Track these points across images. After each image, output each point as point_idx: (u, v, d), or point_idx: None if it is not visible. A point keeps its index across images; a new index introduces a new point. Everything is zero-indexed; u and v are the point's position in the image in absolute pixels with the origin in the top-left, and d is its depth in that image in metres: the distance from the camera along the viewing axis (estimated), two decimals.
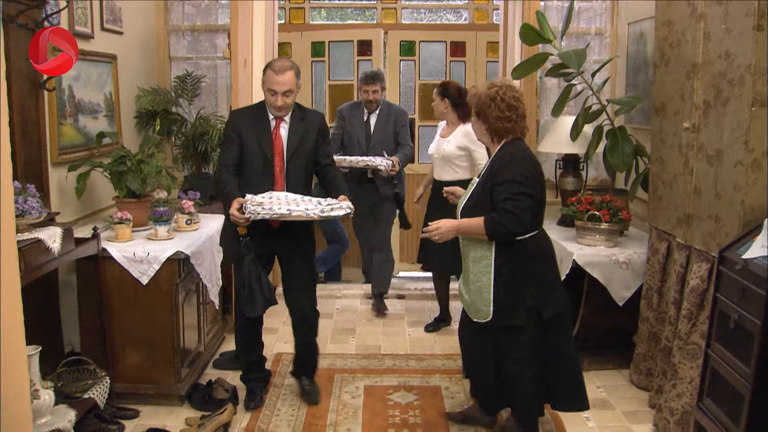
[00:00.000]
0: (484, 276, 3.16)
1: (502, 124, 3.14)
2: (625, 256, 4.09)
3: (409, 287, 6.02)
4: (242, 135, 3.61)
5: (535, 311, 3.12)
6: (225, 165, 3.60)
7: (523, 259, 3.12)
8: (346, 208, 3.45)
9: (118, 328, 3.77)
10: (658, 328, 3.87)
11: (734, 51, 3.13)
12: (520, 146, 3.19)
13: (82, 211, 4.18)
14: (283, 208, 3.35)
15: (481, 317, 3.20)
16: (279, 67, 3.53)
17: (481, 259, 3.17)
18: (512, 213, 3.02)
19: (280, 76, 3.52)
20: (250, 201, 3.37)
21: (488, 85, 3.20)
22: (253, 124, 3.63)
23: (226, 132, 3.69)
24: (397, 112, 5.42)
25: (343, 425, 3.66)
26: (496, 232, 3.07)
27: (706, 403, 3.07)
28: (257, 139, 3.61)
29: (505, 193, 3.06)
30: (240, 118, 3.67)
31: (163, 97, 5.04)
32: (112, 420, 3.61)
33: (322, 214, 3.39)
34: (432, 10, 6.90)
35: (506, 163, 3.11)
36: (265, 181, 3.61)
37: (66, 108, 3.99)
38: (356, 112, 5.42)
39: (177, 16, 5.39)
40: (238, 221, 3.41)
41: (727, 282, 2.98)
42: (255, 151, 3.62)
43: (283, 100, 3.55)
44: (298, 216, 3.35)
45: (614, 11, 5.24)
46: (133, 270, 3.71)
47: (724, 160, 3.22)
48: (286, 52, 6.50)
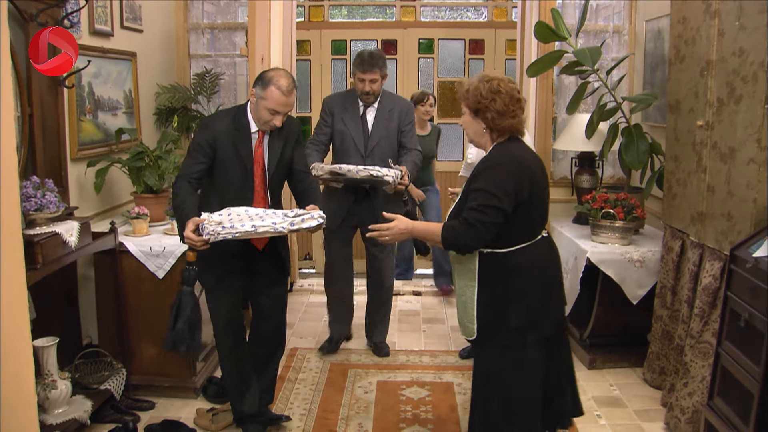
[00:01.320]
0: (468, 290, 2.78)
1: (506, 119, 2.71)
2: (639, 254, 4.07)
3: (425, 284, 6.03)
4: (218, 146, 3.19)
5: (519, 333, 2.71)
6: (187, 176, 3.15)
7: (508, 274, 2.71)
8: (318, 218, 3.07)
9: (135, 322, 3.84)
10: (672, 327, 3.86)
11: (748, 48, 3.11)
12: (511, 147, 2.75)
13: (101, 206, 4.25)
14: (246, 225, 2.95)
15: (468, 334, 2.83)
16: (288, 88, 3.15)
17: (465, 272, 2.79)
18: (473, 225, 2.61)
19: (289, 97, 3.16)
20: (207, 221, 2.97)
21: (483, 78, 2.75)
22: (232, 134, 3.21)
23: (197, 139, 3.22)
24: (402, 106, 4.38)
25: (354, 419, 3.70)
26: (452, 242, 2.68)
27: (717, 402, 3.06)
28: (236, 151, 3.22)
29: (474, 202, 2.65)
30: (217, 126, 3.24)
31: (182, 94, 5.10)
32: (128, 411, 3.68)
33: (292, 228, 3.01)
34: (452, 7, 6.89)
35: (485, 169, 2.70)
36: (244, 195, 3.25)
37: (86, 105, 4.06)
38: (350, 105, 4.32)
39: (197, 14, 5.45)
40: (195, 245, 2.96)
41: (738, 280, 2.96)
42: (233, 164, 3.22)
43: (281, 121, 3.21)
44: (265, 232, 2.98)
45: (632, 8, 5.21)
46: (149, 264, 3.77)
47: (736, 157, 3.20)
48: (305, 49, 6.54)
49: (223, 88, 5.48)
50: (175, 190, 3.16)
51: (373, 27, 6.71)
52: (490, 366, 2.80)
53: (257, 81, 3.21)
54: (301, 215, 3.06)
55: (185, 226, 2.96)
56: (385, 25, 6.70)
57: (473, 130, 2.81)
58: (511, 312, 2.70)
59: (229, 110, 3.41)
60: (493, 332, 2.75)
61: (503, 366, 2.76)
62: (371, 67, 4.16)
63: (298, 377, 4.20)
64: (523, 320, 2.70)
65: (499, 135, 2.76)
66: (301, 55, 6.39)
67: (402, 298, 5.78)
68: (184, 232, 2.96)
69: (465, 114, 2.81)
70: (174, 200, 3.14)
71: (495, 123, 2.73)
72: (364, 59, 4.18)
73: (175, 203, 3.12)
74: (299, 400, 3.91)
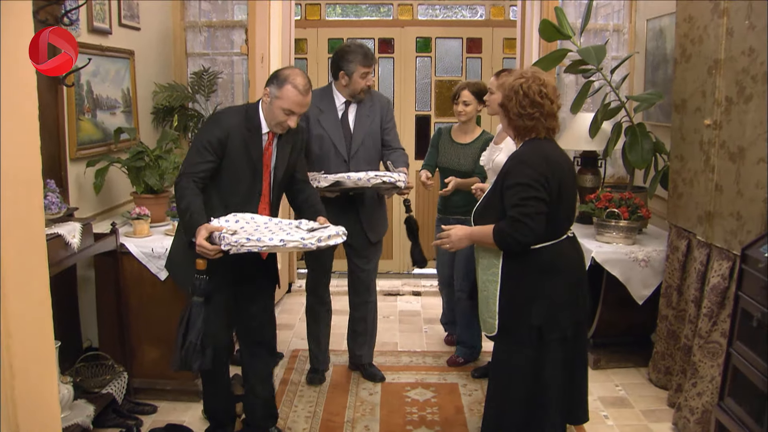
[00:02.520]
0: (491, 285, 2.83)
1: (523, 121, 2.77)
2: (644, 253, 4.06)
3: (425, 284, 6.01)
4: (229, 144, 3.03)
5: (539, 331, 2.77)
6: (193, 174, 2.96)
7: (533, 271, 2.77)
8: (342, 234, 2.94)
9: (136, 324, 3.78)
10: (678, 327, 3.84)
11: (758, 47, 3.09)
12: (540, 146, 2.79)
13: (100, 206, 4.19)
14: (275, 239, 2.76)
15: (488, 330, 2.88)
16: (305, 87, 3.02)
17: (489, 267, 2.85)
18: (519, 221, 2.67)
19: (306, 96, 3.03)
20: (225, 230, 2.80)
21: (517, 75, 2.82)
22: (243, 134, 3.06)
23: (206, 135, 3.03)
24: (382, 102, 4.02)
25: (360, 422, 3.66)
26: (504, 243, 2.73)
27: (728, 402, 3.03)
28: (247, 152, 3.06)
29: (513, 198, 2.70)
30: (230, 123, 3.07)
31: (179, 93, 5.05)
32: (130, 415, 3.63)
33: (319, 244, 2.83)
34: (447, 6, 6.85)
35: (517, 164, 2.75)
36: (250, 199, 3.11)
37: (84, 104, 4.00)
38: (326, 106, 3.89)
39: (194, 12, 5.40)
40: (208, 254, 2.79)
41: (750, 280, 2.94)
42: (242, 165, 3.07)
43: (296, 122, 3.09)
44: (294, 247, 2.79)
45: (632, 8, 5.21)
46: (151, 266, 3.71)
47: (746, 157, 3.19)
48: (302, 48, 6.49)
49: (221, 87, 5.42)
50: (179, 190, 2.95)
51: (370, 25, 6.67)
52: (510, 362, 2.83)
53: (271, 79, 3.09)
54: (321, 229, 2.91)
55: (195, 231, 2.80)
56: (381, 24, 6.66)
57: (502, 122, 2.92)
58: (533, 309, 2.74)
59: (240, 108, 3.23)
60: (513, 329, 2.79)
61: (522, 363, 2.80)
62: (373, 58, 3.87)
63: (302, 380, 4.16)
64: (545, 318, 2.74)
65: (517, 134, 2.82)
66: (298, 54, 6.34)
67: (402, 299, 5.76)
68: (197, 239, 2.78)
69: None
70: (179, 202, 2.93)
71: (512, 122, 2.81)
72: (367, 52, 3.83)
73: (180, 206, 2.92)
74: (303, 403, 3.87)
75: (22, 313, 1.98)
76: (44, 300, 2.06)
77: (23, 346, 1.97)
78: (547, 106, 2.76)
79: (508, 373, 2.85)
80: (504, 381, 2.87)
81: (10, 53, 1.93)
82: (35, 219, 1.99)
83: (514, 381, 2.83)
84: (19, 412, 1.95)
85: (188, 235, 2.87)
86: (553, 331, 2.76)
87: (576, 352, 2.87)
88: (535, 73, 2.81)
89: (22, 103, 2.01)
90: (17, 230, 1.92)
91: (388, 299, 5.76)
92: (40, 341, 2.06)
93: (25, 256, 1.98)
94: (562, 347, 2.79)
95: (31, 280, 2.01)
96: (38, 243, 2.04)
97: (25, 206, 1.96)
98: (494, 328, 2.82)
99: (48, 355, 2.14)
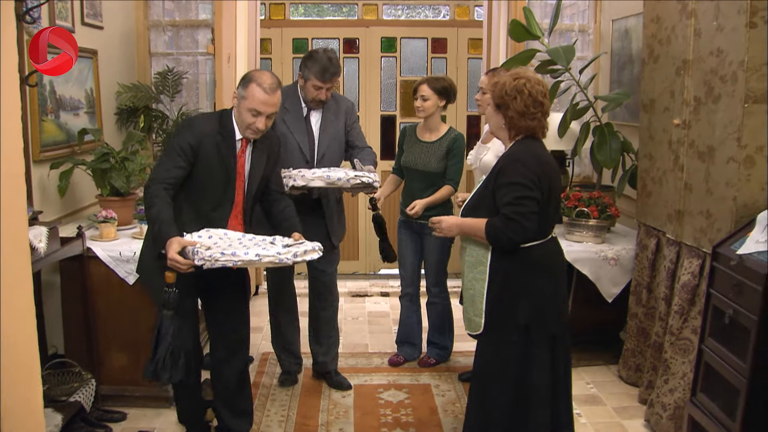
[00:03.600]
0: (477, 283, 2.83)
1: (525, 121, 2.77)
2: (613, 252, 4.10)
3: (393, 285, 5.98)
4: (201, 150, 2.95)
5: (526, 329, 2.78)
6: (163, 180, 2.89)
7: (521, 269, 2.78)
8: (318, 250, 2.90)
9: (104, 330, 3.69)
10: (647, 324, 3.89)
11: (726, 48, 3.15)
12: (532, 146, 2.82)
13: (64, 209, 4.08)
14: (250, 253, 2.71)
15: (473, 328, 2.88)
16: (270, 86, 2.93)
17: (476, 265, 2.85)
18: (513, 220, 2.68)
19: (272, 95, 2.94)
20: (199, 245, 2.71)
21: (514, 76, 2.81)
22: (216, 139, 2.98)
23: (179, 140, 2.95)
24: (347, 104, 3.94)
25: (335, 425, 3.62)
26: (496, 239, 2.73)
27: (700, 398, 3.08)
28: (220, 158, 2.98)
29: (506, 197, 2.71)
30: (203, 128, 3.00)
31: (144, 93, 4.95)
32: (99, 423, 3.53)
33: (295, 259, 2.79)
34: (410, 6, 6.85)
35: (511, 163, 2.76)
36: (222, 207, 3.04)
37: (47, 104, 3.89)
38: (291, 105, 3.80)
39: (157, 11, 5.29)
40: (180, 268, 2.71)
41: (721, 278, 2.99)
42: (215, 172, 2.98)
43: (265, 124, 2.98)
44: (270, 262, 2.75)
45: (597, 8, 5.26)
46: (119, 270, 3.63)
47: (715, 156, 3.24)
48: (266, 48, 6.43)
49: (186, 88, 5.32)
50: (149, 198, 2.86)
51: (335, 25, 6.64)
52: (496, 361, 2.83)
53: (240, 81, 3.04)
54: (296, 244, 2.86)
55: (165, 243, 2.72)
56: (346, 24, 6.63)
57: (494, 122, 2.90)
58: (521, 307, 2.76)
59: (214, 114, 3.18)
60: (500, 327, 2.80)
61: (509, 361, 2.80)
62: (332, 75, 3.68)
63: (273, 383, 4.11)
64: (532, 316, 2.76)
65: (516, 134, 2.83)
66: (262, 54, 6.25)
67: (370, 300, 5.74)
68: (169, 253, 2.69)
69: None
70: (148, 210, 2.85)
71: (513, 122, 2.80)
72: (326, 67, 3.64)
73: (150, 214, 2.84)
74: (276, 407, 3.82)
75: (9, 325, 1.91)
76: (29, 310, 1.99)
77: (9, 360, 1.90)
78: (546, 105, 2.81)
79: (494, 372, 2.85)
80: (489, 380, 2.86)
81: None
82: (19, 223, 1.92)
83: (500, 380, 2.82)
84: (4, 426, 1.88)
85: (158, 246, 2.82)
86: (540, 328, 2.78)
87: (563, 352, 2.88)
88: (530, 73, 2.85)
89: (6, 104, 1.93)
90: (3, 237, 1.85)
91: (357, 300, 5.74)
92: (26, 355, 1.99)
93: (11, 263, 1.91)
94: (549, 347, 2.80)
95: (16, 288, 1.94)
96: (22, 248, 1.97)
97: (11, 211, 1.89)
98: (480, 326, 2.82)
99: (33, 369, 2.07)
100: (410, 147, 4.19)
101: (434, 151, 4.08)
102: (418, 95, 4.08)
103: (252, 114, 2.94)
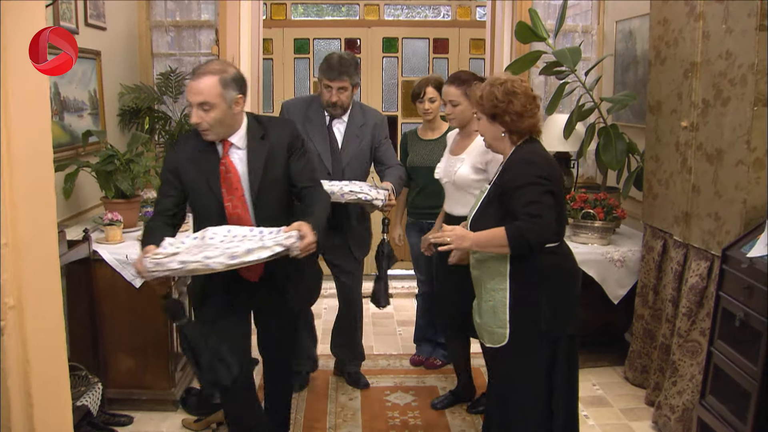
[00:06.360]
0: (498, 294, 2.73)
1: (526, 120, 2.72)
2: (619, 254, 4.10)
3: (396, 286, 5.98)
4: (181, 173, 2.78)
5: (546, 337, 2.73)
6: (162, 213, 2.81)
7: (540, 275, 2.70)
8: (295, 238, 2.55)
9: (110, 333, 3.69)
10: (654, 326, 3.89)
11: (735, 51, 3.14)
12: (534, 147, 2.78)
13: (68, 212, 4.06)
14: (198, 256, 2.44)
15: (495, 341, 2.77)
16: (196, 70, 2.67)
17: (493, 276, 2.75)
18: (538, 216, 2.57)
19: (195, 81, 2.62)
20: (153, 252, 2.50)
21: (495, 82, 2.74)
22: (196, 156, 2.78)
23: (162, 170, 2.88)
24: (376, 120, 3.83)
25: (343, 428, 3.62)
26: (523, 240, 2.60)
27: (710, 400, 3.07)
28: (203, 175, 2.77)
29: (524, 197, 2.61)
30: (180, 150, 2.86)
31: (147, 94, 4.92)
32: (105, 427, 3.53)
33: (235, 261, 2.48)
34: (410, 6, 6.84)
35: (522, 165, 2.69)
36: (220, 218, 2.78)
37: (52, 106, 3.87)
38: (314, 114, 3.71)
39: (159, 11, 5.27)
40: (142, 275, 2.57)
41: (731, 280, 2.98)
42: (202, 191, 2.78)
43: (200, 117, 2.63)
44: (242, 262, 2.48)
45: (600, 9, 5.26)
46: (125, 273, 3.62)
47: (724, 159, 3.24)
48: (267, 48, 6.41)
49: None
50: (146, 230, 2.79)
51: (337, 25, 6.63)
52: (525, 372, 2.78)
53: None
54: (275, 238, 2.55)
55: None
56: (348, 24, 6.62)
57: (491, 135, 2.82)
58: (544, 313, 2.70)
59: (194, 130, 2.84)
60: (526, 335, 2.74)
61: (538, 371, 2.76)
62: (340, 74, 3.57)
63: None
64: (555, 321, 2.72)
65: (519, 137, 2.78)
66: (264, 54, 6.25)
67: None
68: (135, 263, 2.60)
69: (482, 120, 2.81)
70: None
71: (515, 125, 2.75)
72: (331, 64, 3.58)
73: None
74: None
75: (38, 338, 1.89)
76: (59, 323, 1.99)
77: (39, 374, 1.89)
78: (538, 99, 2.80)
79: (523, 385, 2.78)
80: (519, 396, 2.78)
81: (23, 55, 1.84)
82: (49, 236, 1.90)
83: (531, 391, 2.77)
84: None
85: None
86: (564, 330, 2.74)
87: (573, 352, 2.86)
88: (504, 75, 2.84)
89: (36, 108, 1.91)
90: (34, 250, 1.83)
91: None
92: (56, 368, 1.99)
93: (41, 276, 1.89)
94: (566, 348, 2.79)
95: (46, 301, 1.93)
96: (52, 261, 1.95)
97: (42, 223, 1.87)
98: (505, 338, 2.74)
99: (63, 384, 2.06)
100: (414, 148, 4.20)
101: (438, 147, 4.06)
102: (426, 98, 4.07)
103: (189, 107, 2.70)
